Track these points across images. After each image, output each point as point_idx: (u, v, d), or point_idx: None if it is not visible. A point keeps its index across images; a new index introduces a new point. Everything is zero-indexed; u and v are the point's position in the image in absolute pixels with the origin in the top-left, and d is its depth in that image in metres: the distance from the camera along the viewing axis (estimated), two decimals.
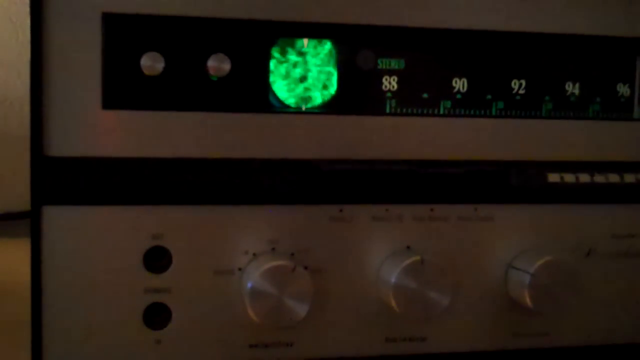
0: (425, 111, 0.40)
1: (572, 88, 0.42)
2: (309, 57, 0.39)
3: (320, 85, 0.39)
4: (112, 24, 0.36)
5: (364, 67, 0.40)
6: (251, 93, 0.38)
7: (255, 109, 0.38)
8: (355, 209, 0.40)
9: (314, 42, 0.39)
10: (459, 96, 0.41)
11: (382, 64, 0.40)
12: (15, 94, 0.84)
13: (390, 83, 0.40)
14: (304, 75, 0.39)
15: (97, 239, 0.37)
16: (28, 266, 0.37)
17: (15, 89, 0.83)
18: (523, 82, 0.41)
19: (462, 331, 0.42)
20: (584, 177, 0.42)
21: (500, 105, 0.41)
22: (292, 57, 0.39)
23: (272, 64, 0.39)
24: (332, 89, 0.39)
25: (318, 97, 0.39)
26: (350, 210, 0.40)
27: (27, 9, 0.36)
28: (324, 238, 0.39)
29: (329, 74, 0.39)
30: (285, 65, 0.39)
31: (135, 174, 0.37)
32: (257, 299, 0.37)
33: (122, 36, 0.36)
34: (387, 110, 0.40)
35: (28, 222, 0.37)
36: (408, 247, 0.40)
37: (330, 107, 0.39)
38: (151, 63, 0.37)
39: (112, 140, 0.37)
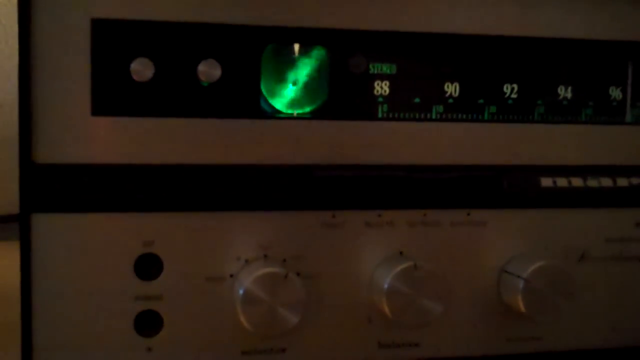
0: (417, 116, 0.40)
1: (564, 92, 0.42)
2: (300, 63, 0.39)
3: (311, 91, 0.39)
4: (102, 29, 0.36)
5: (356, 72, 0.39)
6: (242, 99, 0.38)
7: (246, 115, 0.38)
8: (347, 215, 0.39)
9: (305, 47, 0.39)
10: (451, 101, 0.41)
11: (374, 68, 0.39)
12: (5, 97, 0.83)
13: (382, 88, 0.40)
14: (295, 80, 0.39)
15: (87, 247, 0.37)
16: (18, 269, 0.36)
17: (5, 92, 0.83)
18: (515, 86, 0.41)
19: (455, 336, 0.42)
20: (577, 182, 0.42)
21: (493, 109, 0.41)
22: (283, 62, 0.39)
23: (263, 69, 0.38)
24: (324, 94, 0.39)
25: (310, 103, 0.39)
26: (343, 215, 0.39)
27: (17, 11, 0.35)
28: (317, 244, 0.39)
29: (321, 79, 0.39)
30: (276, 70, 0.39)
31: (125, 181, 0.37)
32: (249, 305, 0.37)
33: (111, 42, 0.36)
34: (379, 115, 0.40)
35: (18, 226, 0.36)
36: (401, 253, 0.40)
37: (321, 112, 0.39)
38: (141, 69, 0.36)
39: (102, 146, 0.37)
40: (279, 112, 0.39)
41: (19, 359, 0.37)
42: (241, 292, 0.37)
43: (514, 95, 0.41)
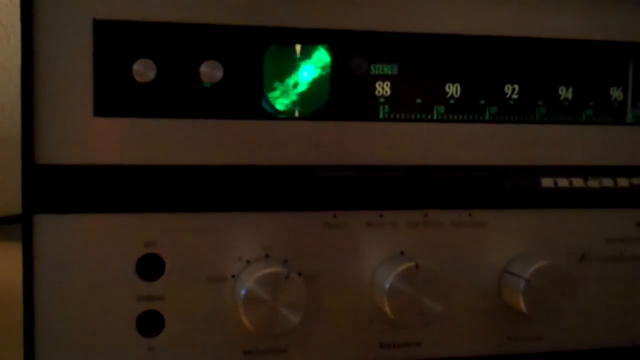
0: (418, 116, 0.40)
1: (565, 92, 0.42)
2: (301, 63, 0.39)
3: (313, 91, 0.39)
4: (104, 30, 0.36)
5: (357, 72, 0.39)
6: (244, 99, 0.38)
7: (248, 116, 0.38)
8: (349, 215, 0.39)
9: (306, 48, 0.39)
10: (452, 101, 0.41)
11: (375, 69, 0.40)
12: (6, 97, 0.83)
13: (383, 88, 0.40)
14: (297, 81, 0.39)
15: (90, 247, 0.37)
16: (20, 270, 0.37)
17: (7, 92, 0.83)
18: (516, 86, 0.41)
19: (456, 336, 0.42)
20: (578, 182, 0.42)
21: (494, 110, 0.41)
22: (285, 63, 0.39)
23: (265, 70, 0.38)
24: (325, 94, 0.39)
25: (311, 103, 0.39)
26: (344, 216, 0.39)
27: (19, 11, 0.35)
28: (318, 244, 0.39)
29: (322, 79, 0.39)
30: (278, 71, 0.39)
31: (127, 182, 0.37)
32: (251, 306, 0.37)
33: (113, 43, 0.36)
34: (381, 116, 0.40)
35: (20, 226, 0.37)
36: (402, 253, 0.40)
37: (323, 113, 0.39)
38: (143, 70, 0.36)
39: (104, 147, 0.37)
40: (280, 112, 0.39)
41: (21, 359, 0.37)
42: (243, 292, 0.37)
43: (514, 96, 0.41)
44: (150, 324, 0.38)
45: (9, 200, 0.75)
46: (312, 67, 0.39)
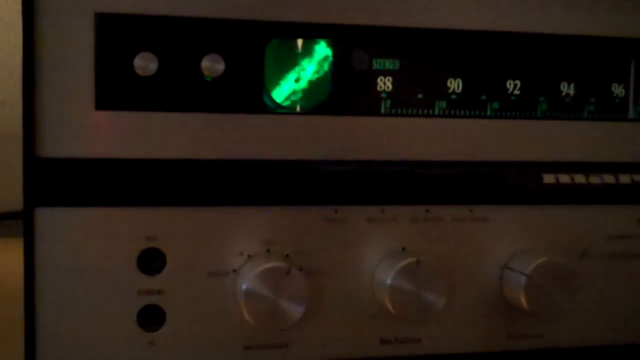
0: (420, 112, 0.40)
1: (567, 88, 0.42)
2: (303, 58, 0.39)
3: (315, 86, 0.39)
4: (105, 24, 0.36)
5: (359, 67, 0.39)
6: (245, 94, 0.38)
7: (249, 110, 0.38)
8: (350, 210, 0.39)
9: (308, 42, 0.39)
10: (453, 97, 0.41)
11: (377, 64, 0.40)
12: (7, 94, 0.83)
13: (385, 83, 0.40)
14: (298, 75, 0.39)
15: (91, 241, 0.37)
16: (21, 266, 0.36)
17: (8, 89, 0.83)
18: (518, 82, 0.41)
19: (457, 332, 0.42)
20: (579, 178, 0.42)
21: (495, 105, 0.41)
22: (287, 57, 0.39)
23: (266, 64, 0.38)
24: (327, 89, 0.39)
25: (312, 98, 0.39)
26: (345, 211, 0.39)
27: (19, 8, 0.35)
28: (319, 239, 0.39)
29: (324, 74, 0.39)
30: (279, 65, 0.39)
31: (129, 175, 0.37)
32: (252, 300, 0.37)
33: (115, 36, 0.36)
34: (382, 111, 0.40)
35: (21, 222, 0.37)
36: (403, 249, 0.40)
37: (324, 107, 0.39)
38: (145, 63, 0.36)
39: (106, 141, 0.37)
40: (282, 107, 0.39)
41: (23, 353, 0.37)
42: (244, 287, 0.37)
43: (516, 92, 0.41)
44: (151, 318, 0.38)
45: (11, 197, 0.75)
46: (313, 62, 0.39)
